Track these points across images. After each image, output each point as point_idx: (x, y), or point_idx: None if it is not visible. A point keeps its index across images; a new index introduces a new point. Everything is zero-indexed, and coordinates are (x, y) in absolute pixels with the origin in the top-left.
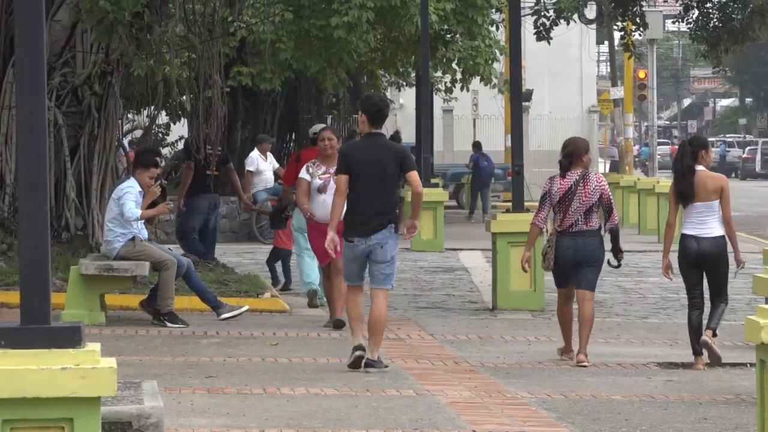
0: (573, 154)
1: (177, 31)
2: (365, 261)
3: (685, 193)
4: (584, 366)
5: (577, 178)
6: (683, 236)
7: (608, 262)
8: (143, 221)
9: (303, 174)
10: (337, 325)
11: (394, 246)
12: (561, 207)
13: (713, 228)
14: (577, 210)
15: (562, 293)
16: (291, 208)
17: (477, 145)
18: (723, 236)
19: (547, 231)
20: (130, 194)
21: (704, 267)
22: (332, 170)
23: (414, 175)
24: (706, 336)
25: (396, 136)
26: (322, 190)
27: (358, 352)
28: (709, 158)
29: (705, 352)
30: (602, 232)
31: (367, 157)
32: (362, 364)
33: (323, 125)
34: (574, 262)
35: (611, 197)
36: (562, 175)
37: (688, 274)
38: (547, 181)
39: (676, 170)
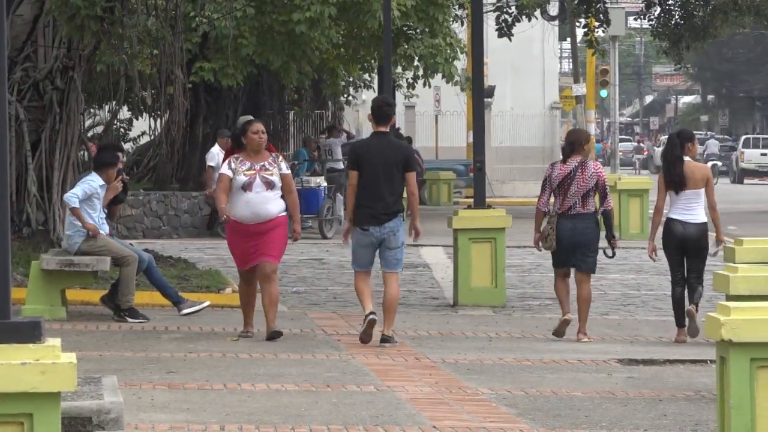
0: (575, 142)
1: (149, 25)
2: (377, 248)
3: (677, 181)
4: (584, 342)
5: (576, 164)
6: (669, 220)
7: (604, 252)
8: (105, 216)
9: (224, 169)
10: (273, 336)
11: (403, 233)
12: (560, 191)
13: (698, 214)
14: (575, 194)
15: (559, 272)
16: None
17: (407, 140)
18: (706, 223)
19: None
20: (86, 184)
21: (686, 250)
22: (258, 166)
23: (412, 176)
24: (692, 307)
25: (397, 134)
26: (246, 187)
27: (371, 316)
28: (695, 149)
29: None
30: (598, 215)
31: (377, 154)
32: (380, 339)
33: (250, 117)
34: (572, 243)
35: (606, 183)
36: (563, 161)
37: (673, 255)
38: (549, 167)
39: (666, 161)
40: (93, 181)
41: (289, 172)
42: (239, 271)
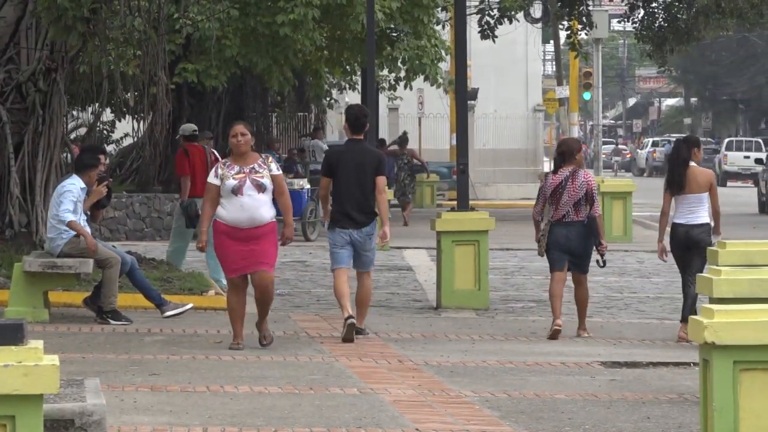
0: (566, 153)
1: (135, 26)
2: (353, 247)
3: (677, 182)
4: (585, 337)
5: (567, 174)
6: (675, 224)
7: (597, 262)
8: (87, 219)
9: (211, 178)
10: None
11: (375, 235)
12: (553, 200)
13: (702, 217)
14: (567, 202)
15: (554, 275)
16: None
17: (381, 142)
18: (708, 223)
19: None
20: (70, 193)
21: (691, 249)
22: (247, 169)
23: (381, 180)
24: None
25: (404, 138)
26: (237, 191)
27: (350, 320)
28: (700, 155)
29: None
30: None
31: (351, 160)
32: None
33: (193, 126)
34: (567, 250)
35: (594, 191)
36: (554, 172)
37: (681, 256)
38: (543, 176)
39: (672, 163)
40: (74, 186)
41: (280, 173)
42: (228, 280)
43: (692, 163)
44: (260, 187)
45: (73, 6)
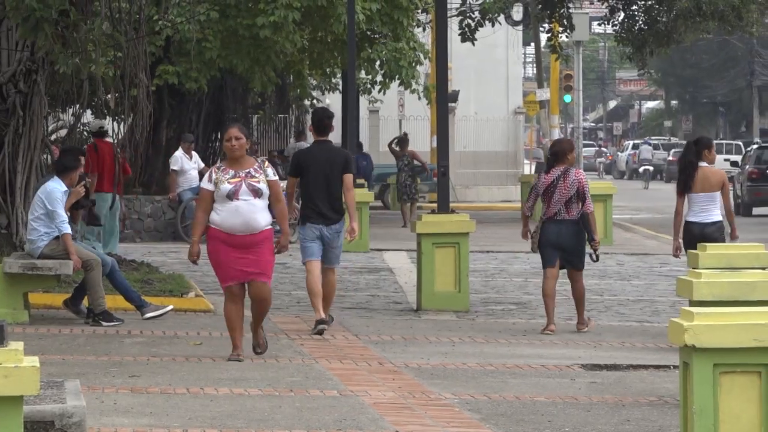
0: (558, 153)
1: (104, 29)
2: (323, 241)
3: (686, 182)
4: (584, 331)
5: (559, 173)
6: (688, 222)
7: (590, 256)
8: (68, 220)
9: (204, 183)
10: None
11: (344, 232)
12: (545, 198)
13: (714, 215)
14: (559, 201)
15: (546, 272)
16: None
17: (358, 146)
18: (720, 221)
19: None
20: (57, 200)
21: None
22: (243, 173)
23: (349, 178)
24: None
25: (404, 138)
26: (232, 196)
27: (321, 326)
28: (713, 156)
29: None
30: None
31: (319, 160)
32: (316, 321)
33: (101, 123)
34: (558, 246)
35: (586, 188)
36: (547, 171)
37: None
38: (536, 175)
39: (682, 164)
40: (58, 190)
41: (277, 178)
42: (224, 289)
43: (704, 164)
44: (256, 192)
45: (40, 7)
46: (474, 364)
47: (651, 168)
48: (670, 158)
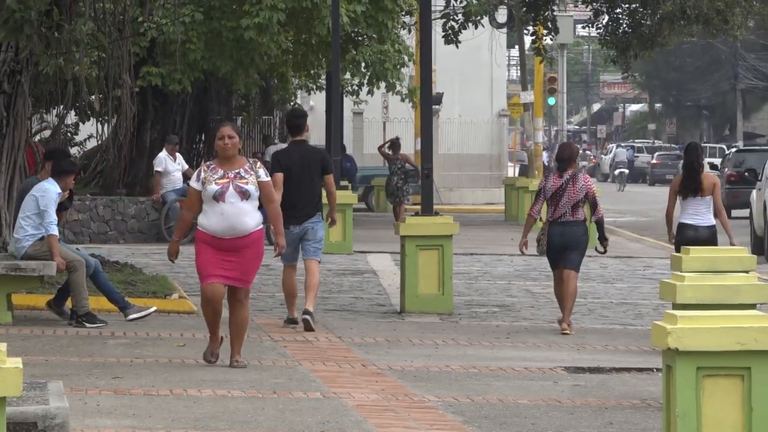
0: (569, 159)
1: (86, 30)
2: (299, 244)
3: (695, 188)
4: (566, 334)
5: (568, 177)
6: (682, 225)
7: (596, 248)
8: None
9: (192, 182)
10: (237, 367)
11: (321, 228)
12: (553, 201)
13: (708, 218)
14: (566, 204)
15: (556, 274)
16: None
17: (342, 148)
18: (714, 225)
19: (541, 220)
20: (53, 202)
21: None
22: (232, 174)
23: (330, 178)
24: None
25: (396, 142)
26: (218, 197)
27: (291, 325)
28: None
29: None
30: (587, 223)
31: (296, 160)
32: (301, 319)
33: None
34: (562, 246)
35: (596, 194)
36: (559, 174)
37: None
38: (543, 178)
39: (688, 169)
40: (54, 191)
41: (269, 179)
42: (202, 288)
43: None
44: (244, 194)
45: (21, 8)
46: (457, 367)
47: (626, 171)
48: (654, 161)
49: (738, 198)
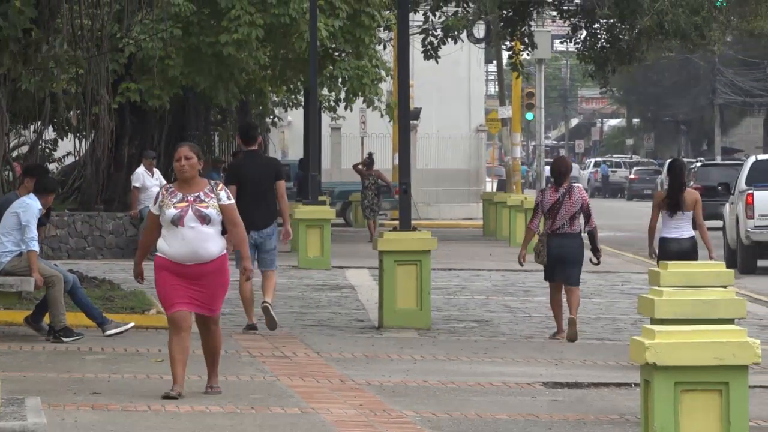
0: (563, 172)
1: (61, 48)
2: (256, 249)
3: (680, 204)
4: (557, 339)
5: (564, 190)
6: (664, 239)
7: (590, 260)
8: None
9: (150, 206)
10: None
11: (276, 238)
12: (551, 214)
13: (689, 230)
14: (563, 216)
15: (551, 286)
16: None
17: (300, 163)
18: (694, 236)
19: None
20: (36, 215)
21: (682, 260)
22: (191, 197)
23: (281, 184)
24: None
25: (370, 159)
26: (177, 221)
27: (252, 331)
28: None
29: None
30: (583, 234)
31: (251, 170)
32: (261, 307)
33: None
34: (560, 258)
35: (590, 206)
36: (555, 188)
37: None
38: (539, 193)
39: (673, 186)
40: (36, 206)
41: (232, 202)
42: (168, 317)
43: None
44: (204, 219)
45: (6, 25)
46: (435, 382)
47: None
48: (632, 176)
49: (705, 210)
